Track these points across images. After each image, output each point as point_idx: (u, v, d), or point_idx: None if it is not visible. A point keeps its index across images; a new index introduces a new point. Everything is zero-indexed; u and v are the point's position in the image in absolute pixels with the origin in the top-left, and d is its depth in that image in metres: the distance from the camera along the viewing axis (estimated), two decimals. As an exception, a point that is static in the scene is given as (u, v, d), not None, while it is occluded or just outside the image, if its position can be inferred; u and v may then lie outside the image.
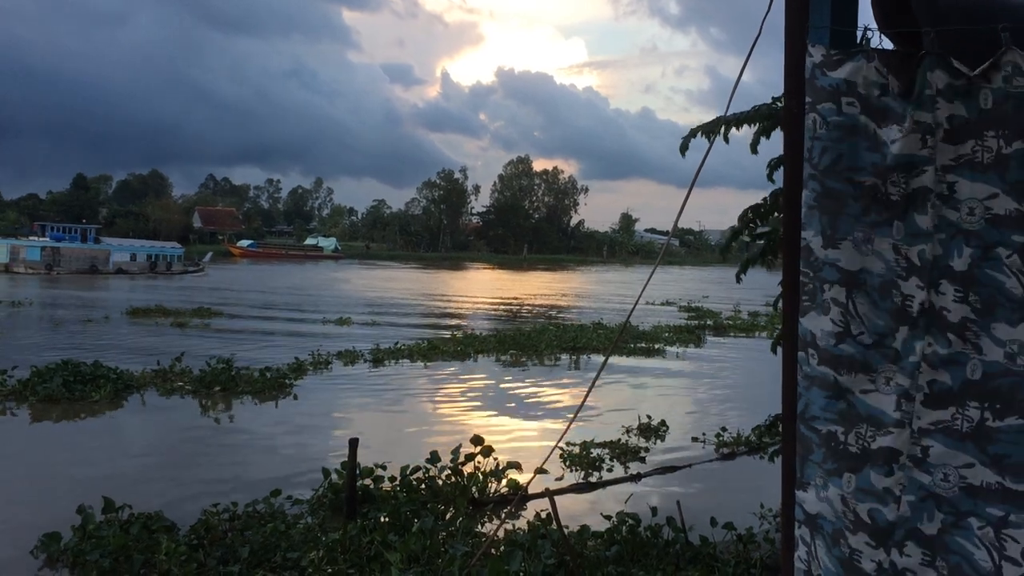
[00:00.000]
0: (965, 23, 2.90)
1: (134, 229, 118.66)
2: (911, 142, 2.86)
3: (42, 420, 15.66)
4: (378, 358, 23.92)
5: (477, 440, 11.39)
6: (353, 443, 9.82)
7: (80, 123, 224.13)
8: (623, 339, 29.35)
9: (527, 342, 27.93)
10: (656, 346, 29.18)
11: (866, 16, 3.34)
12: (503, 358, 25.45)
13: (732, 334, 35.26)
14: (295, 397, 18.31)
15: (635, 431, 15.35)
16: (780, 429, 4.09)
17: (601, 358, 25.56)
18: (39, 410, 16.13)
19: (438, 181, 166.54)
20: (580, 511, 10.68)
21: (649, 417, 15.87)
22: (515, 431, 15.79)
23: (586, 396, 5.51)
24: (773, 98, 7.71)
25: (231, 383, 18.48)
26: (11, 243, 72.07)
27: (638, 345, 28.92)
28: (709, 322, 38.88)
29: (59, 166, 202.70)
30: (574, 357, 26.18)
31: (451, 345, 26.87)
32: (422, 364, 23.74)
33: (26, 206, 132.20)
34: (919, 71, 2.86)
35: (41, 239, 75.44)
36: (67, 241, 75.93)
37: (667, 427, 15.60)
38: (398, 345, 26.14)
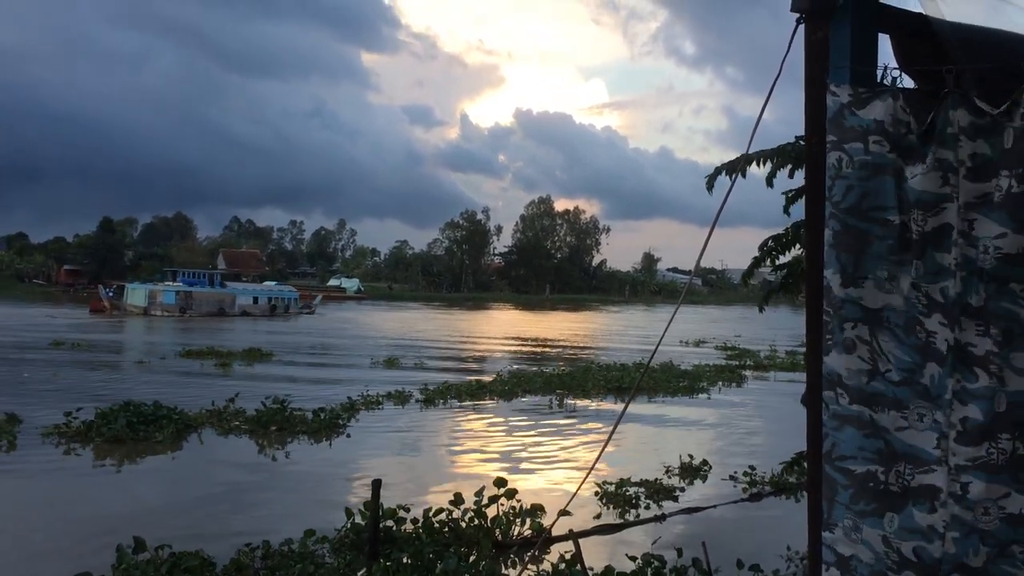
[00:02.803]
0: (992, 60, 2.92)
1: (159, 271, 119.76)
2: (931, 180, 2.87)
3: (105, 460, 16.04)
4: (429, 398, 24.08)
5: (500, 482, 11.35)
6: (376, 484, 9.79)
7: (105, 166, 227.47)
8: (667, 379, 29.49)
9: (573, 382, 27.95)
10: (700, 385, 29.16)
11: (885, 55, 3.36)
12: (550, 397, 25.47)
13: (773, 374, 35.06)
14: (348, 436, 18.56)
15: (675, 470, 15.29)
16: (805, 468, 4.06)
17: (645, 397, 25.89)
18: (104, 450, 16.46)
19: (460, 222, 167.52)
20: (606, 552, 10.60)
21: (691, 456, 15.79)
22: (557, 470, 15.92)
23: (609, 436, 5.49)
24: (796, 137, 7.73)
25: (286, 423, 18.77)
26: (149, 288, 77.59)
27: (681, 384, 28.84)
28: (749, 362, 38.73)
29: (85, 209, 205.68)
30: (619, 397, 26.06)
31: (498, 385, 26.98)
32: (471, 404, 23.88)
33: (53, 249, 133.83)
34: (941, 109, 2.87)
35: (175, 284, 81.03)
36: (198, 286, 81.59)
37: (709, 466, 15.53)
38: (446, 384, 26.34)
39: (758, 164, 7.97)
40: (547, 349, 47.32)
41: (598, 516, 12.40)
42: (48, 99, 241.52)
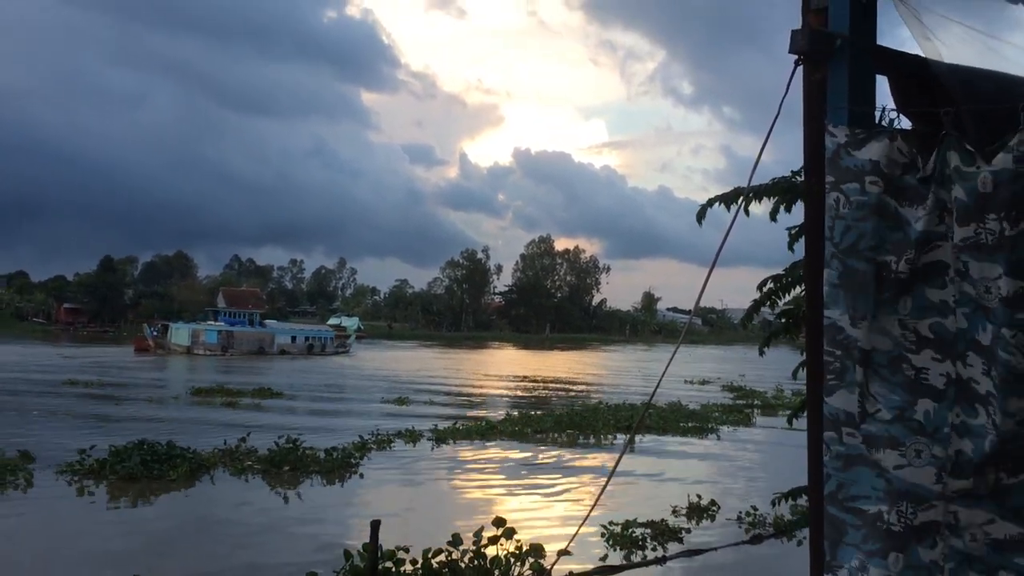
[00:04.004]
0: (990, 101, 2.94)
1: (159, 310, 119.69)
2: (932, 219, 2.89)
3: (119, 498, 16.20)
4: (439, 437, 24.14)
5: (499, 522, 11.25)
6: (375, 525, 9.69)
7: (105, 204, 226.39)
8: (676, 418, 29.50)
9: (583, 422, 27.94)
10: (709, 425, 29.09)
11: (882, 96, 3.38)
12: (560, 437, 25.48)
13: (780, 413, 34.95)
14: (361, 476, 18.67)
15: (683, 510, 15.22)
16: (800, 502, 4.03)
17: (655, 436, 26.02)
18: (118, 488, 16.62)
19: (460, 260, 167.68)
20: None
21: (699, 496, 15.72)
22: (564, 510, 15.96)
23: (609, 477, 5.45)
24: (792, 172, 7.74)
25: (299, 463, 18.80)
26: (192, 328, 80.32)
27: (690, 424, 28.74)
28: (757, 402, 38.61)
29: (86, 247, 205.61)
30: (628, 436, 25.94)
31: (508, 425, 26.92)
32: (481, 443, 23.90)
33: (53, 287, 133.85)
34: (938, 150, 2.89)
35: (216, 324, 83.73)
36: (239, 326, 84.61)
37: (717, 507, 15.48)
38: (456, 424, 26.39)
39: (756, 199, 7.98)
40: (553, 388, 47.35)
41: (604, 558, 12.32)
42: (50, 138, 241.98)
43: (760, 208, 8.04)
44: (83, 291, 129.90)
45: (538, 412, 31.09)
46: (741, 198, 7.46)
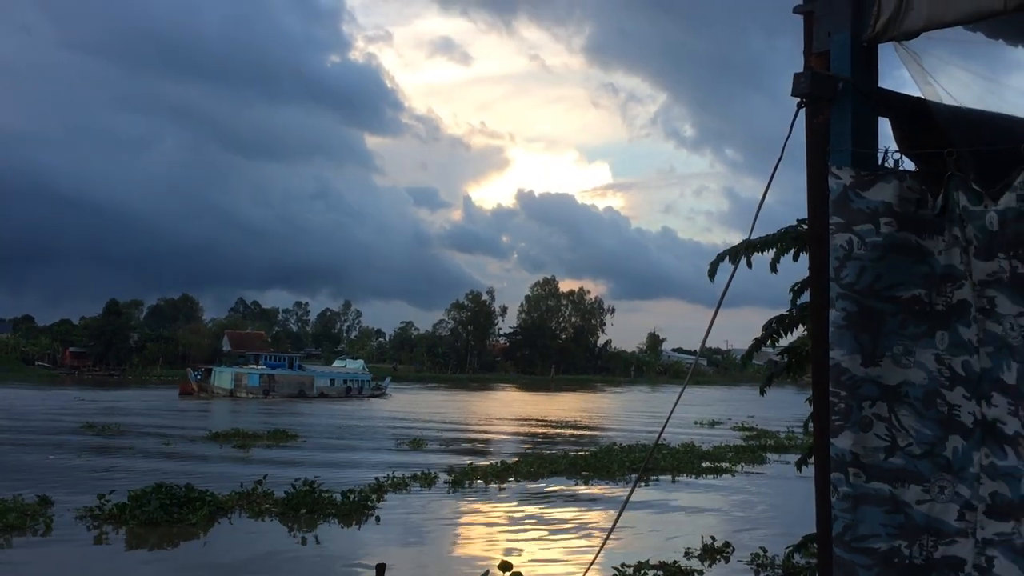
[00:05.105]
0: (991, 143, 2.96)
1: (164, 353, 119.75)
2: (953, 255, 2.91)
3: (140, 545, 16.19)
4: (456, 480, 24.07)
5: (505, 566, 11.14)
6: (380, 569, 9.63)
7: (111, 248, 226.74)
8: (689, 459, 29.44)
9: (598, 463, 27.94)
10: (723, 466, 29.02)
11: (884, 138, 3.40)
12: (574, 479, 25.41)
13: (791, 461, 34.69)
14: (377, 520, 18.56)
15: (696, 552, 15.11)
16: (815, 550, 3.99)
17: (668, 477, 26.03)
18: (138, 534, 16.57)
19: (465, 303, 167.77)
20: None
21: (713, 538, 15.60)
22: (575, 554, 15.72)
23: (617, 518, 5.41)
24: (798, 220, 7.79)
25: (316, 505, 18.76)
26: (235, 371, 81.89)
27: (704, 465, 28.73)
28: (770, 442, 38.43)
29: (91, 291, 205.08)
30: (644, 478, 25.74)
31: (523, 466, 26.87)
32: (496, 485, 23.84)
33: (59, 331, 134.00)
34: (947, 189, 2.91)
35: (258, 367, 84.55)
36: (279, 369, 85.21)
37: (731, 548, 15.37)
38: (472, 466, 26.38)
39: (760, 251, 8.03)
40: (565, 430, 47.33)
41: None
42: (56, 183, 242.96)
43: (766, 253, 8.09)
44: (88, 335, 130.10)
45: (552, 453, 31.05)
46: (749, 251, 7.51)
